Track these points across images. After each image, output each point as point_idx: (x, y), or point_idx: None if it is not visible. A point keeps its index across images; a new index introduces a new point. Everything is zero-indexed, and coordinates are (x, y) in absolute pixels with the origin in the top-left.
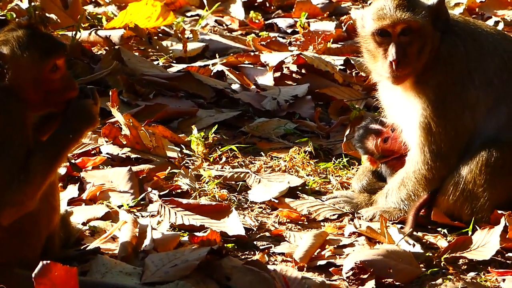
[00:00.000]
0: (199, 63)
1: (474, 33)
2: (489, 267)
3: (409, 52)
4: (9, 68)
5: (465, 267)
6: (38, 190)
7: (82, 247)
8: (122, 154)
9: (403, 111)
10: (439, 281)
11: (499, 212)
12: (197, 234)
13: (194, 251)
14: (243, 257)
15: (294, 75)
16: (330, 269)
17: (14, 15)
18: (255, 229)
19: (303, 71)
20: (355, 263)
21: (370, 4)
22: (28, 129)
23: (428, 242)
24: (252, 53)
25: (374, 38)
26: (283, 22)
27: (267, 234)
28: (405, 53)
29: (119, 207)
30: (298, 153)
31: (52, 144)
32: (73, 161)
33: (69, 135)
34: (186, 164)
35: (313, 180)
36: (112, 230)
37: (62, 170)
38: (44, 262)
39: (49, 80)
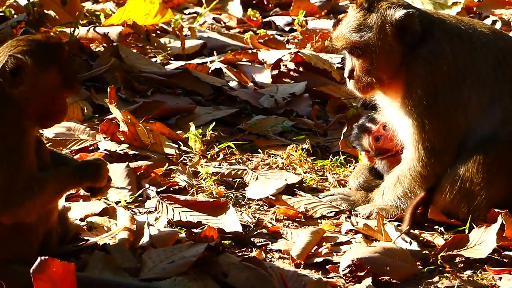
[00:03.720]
0: (197, 61)
1: (463, 34)
2: (485, 265)
3: (359, 68)
4: (26, 78)
5: (462, 265)
6: (44, 206)
7: (80, 243)
8: (120, 150)
9: (397, 109)
10: (436, 279)
11: (496, 210)
12: (194, 230)
13: (191, 248)
14: (240, 253)
15: (291, 73)
16: (327, 266)
17: (13, 12)
18: (252, 226)
19: (300, 69)
20: (352, 260)
21: None
22: (32, 140)
23: (425, 240)
24: (250, 51)
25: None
26: (281, 20)
27: (264, 231)
28: (355, 69)
29: (117, 203)
30: (296, 151)
31: (62, 175)
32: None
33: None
34: (184, 161)
35: (310, 177)
36: (115, 231)
37: None
38: (42, 258)
39: (54, 103)
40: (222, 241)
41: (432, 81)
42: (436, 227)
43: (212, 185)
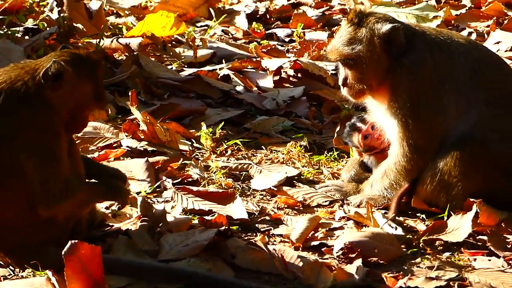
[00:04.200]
0: (207, 68)
1: (442, 45)
2: (462, 248)
3: (352, 77)
4: (65, 84)
5: (441, 248)
6: (73, 210)
7: (105, 229)
8: (140, 147)
9: (384, 111)
10: (418, 260)
11: (471, 200)
12: (206, 217)
13: (203, 233)
14: (246, 238)
15: (291, 78)
16: (323, 249)
17: (46, 25)
18: (256, 214)
19: (299, 75)
20: (345, 243)
21: None
22: (65, 143)
23: (408, 225)
24: (254, 59)
25: None
26: (281, 32)
27: (267, 218)
28: (348, 78)
29: (138, 193)
30: (295, 147)
31: (93, 190)
32: None
33: (102, 195)
34: (196, 156)
35: (308, 170)
36: (135, 218)
37: None
38: (73, 241)
39: (81, 114)
40: (230, 227)
41: (415, 88)
42: (418, 214)
43: (221, 177)
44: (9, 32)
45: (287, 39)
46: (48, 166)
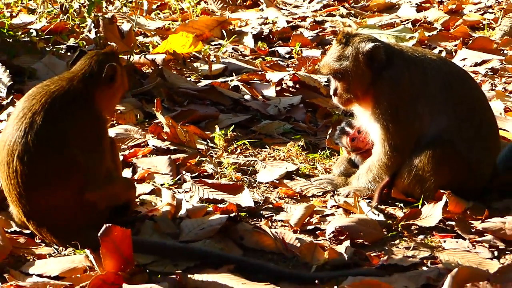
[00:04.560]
0: (220, 80)
1: (417, 61)
2: (434, 232)
3: (341, 88)
4: (118, 81)
5: (416, 231)
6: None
7: (135, 215)
8: (164, 146)
9: (368, 116)
10: (397, 241)
11: (442, 191)
12: (219, 205)
13: (217, 218)
14: (252, 222)
15: (290, 89)
16: (317, 232)
17: (85, 43)
18: (261, 202)
19: (297, 86)
20: (335, 227)
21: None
22: (108, 136)
23: (389, 213)
24: (259, 73)
25: None
26: (282, 50)
27: (270, 206)
28: (338, 89)
29: (161, 185)
30: (293, 147)
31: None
32: None
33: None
34: (211, 154)
35: (304, 166)
36: (160, 206)
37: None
38: (107, 225)
39: (120, 99)
40: (239, 213)
41: (394, 98)
42: (397, 203)
43: (231, 172)
44: (54, 49)
45: (287, 56)
46: (97, 159)
